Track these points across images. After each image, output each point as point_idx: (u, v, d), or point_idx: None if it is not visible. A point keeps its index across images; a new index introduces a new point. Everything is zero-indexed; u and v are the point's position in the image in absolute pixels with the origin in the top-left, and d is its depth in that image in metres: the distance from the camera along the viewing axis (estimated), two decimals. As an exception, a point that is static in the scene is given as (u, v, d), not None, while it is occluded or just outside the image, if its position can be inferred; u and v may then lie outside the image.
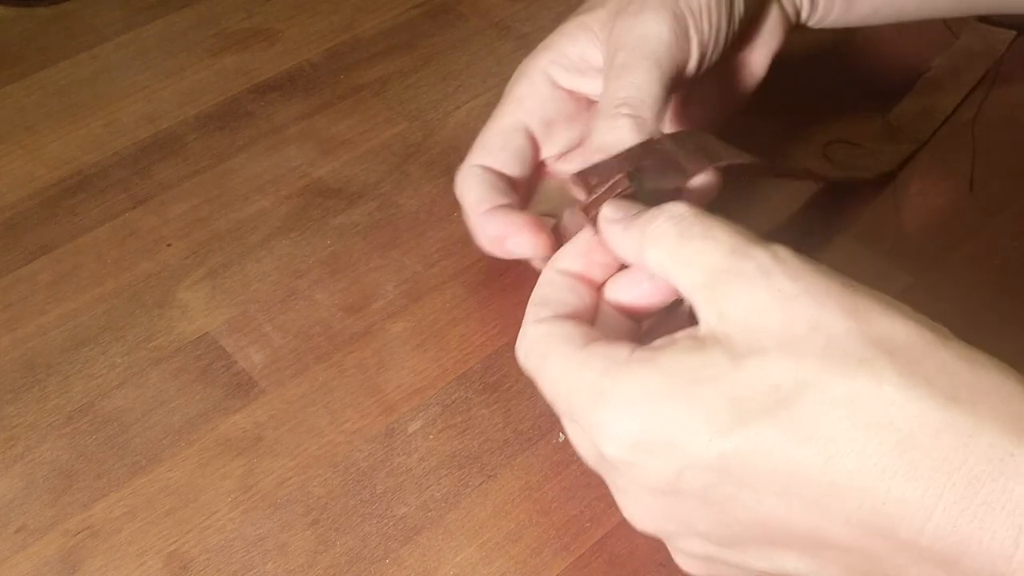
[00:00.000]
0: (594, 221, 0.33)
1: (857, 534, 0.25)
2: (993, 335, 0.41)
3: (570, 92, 0.40)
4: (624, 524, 0.36)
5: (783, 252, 0.28)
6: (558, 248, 0.34)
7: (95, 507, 0.38)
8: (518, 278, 0.44)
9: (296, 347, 0.42)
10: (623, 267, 0.33)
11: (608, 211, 0.32)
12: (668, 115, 0.40)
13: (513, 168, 0.40)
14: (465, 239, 0.46)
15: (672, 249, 0.29)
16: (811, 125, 0.50)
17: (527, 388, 0.41)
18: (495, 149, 0.40)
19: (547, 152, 0.41)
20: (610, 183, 0.33)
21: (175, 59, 0.56)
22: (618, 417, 0.28)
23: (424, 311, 0.43)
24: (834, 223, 0.46)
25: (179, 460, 0.39)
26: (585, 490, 0.37)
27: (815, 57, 0.54)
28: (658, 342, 0.29)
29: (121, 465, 0.39)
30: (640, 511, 0.30)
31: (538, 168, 0.41)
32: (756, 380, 0.26)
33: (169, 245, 0.47)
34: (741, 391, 0.26)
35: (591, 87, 0.40)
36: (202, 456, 0.39)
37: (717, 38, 0.38)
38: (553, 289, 0.33)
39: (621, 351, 0.29)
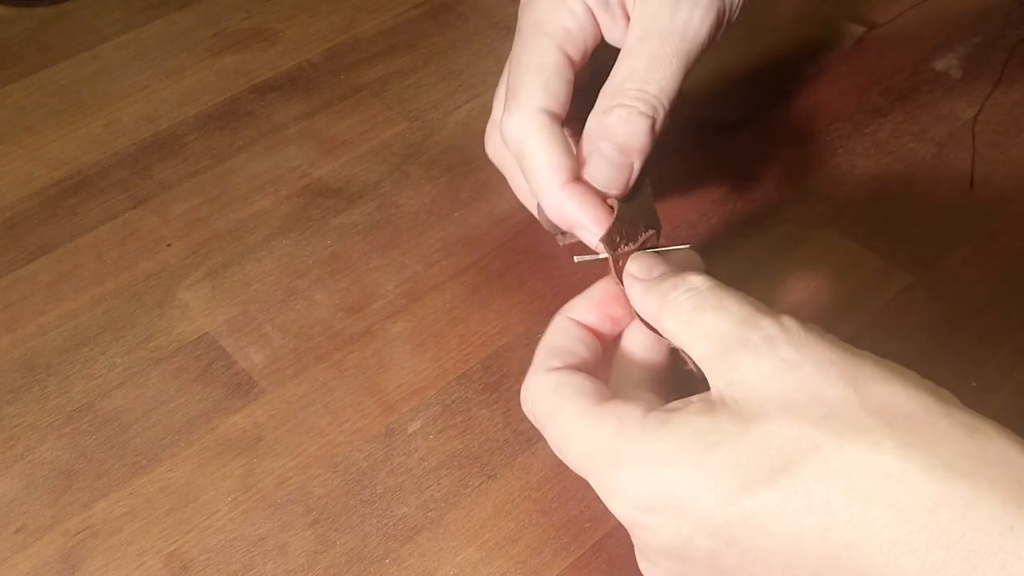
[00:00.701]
0: (619, 273, 0.34)
1: None
2: (993, 335, 0.41)
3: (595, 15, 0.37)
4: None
5: (789, 322, 0.28)
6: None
7: (95, 507, 0.38)
8: (518, 278, 0.44)
9: (296, 347, 0.42)
10: (631, 322, 0.34)
11: (634, 268, 0.33)
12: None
13: (565, 110, 0.36)
14: (465, 239, 0.46)
15: (686, 321, 0.30)
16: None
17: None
18: (558, 92, 0.36)
19: None
20: (640, 240, 0.34)
21: (175, 59, 0.56)
22: (629, 478, 0.28)
23: (424, 311, 0.43)
24: (834, 224, 0.46)
25: (179, 460, 0.39)
26: (585, 490, 0.37)
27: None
28: (673, 404, 0.30)
29: (121, 465, 0.39)
30: (653, 571, 0.31)
31: None
32: (760, 446, 0.26)
33: (169, 245, 0.47)
34: (745, 457, 0.26)
35: (609, 25, 0.36)
36: (202, 456, 0.39)
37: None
38: (566, 339, 0.33)
39: (635, 411, 0.29)
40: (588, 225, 0.34)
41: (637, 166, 0.35)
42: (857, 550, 0.25)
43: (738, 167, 0.49)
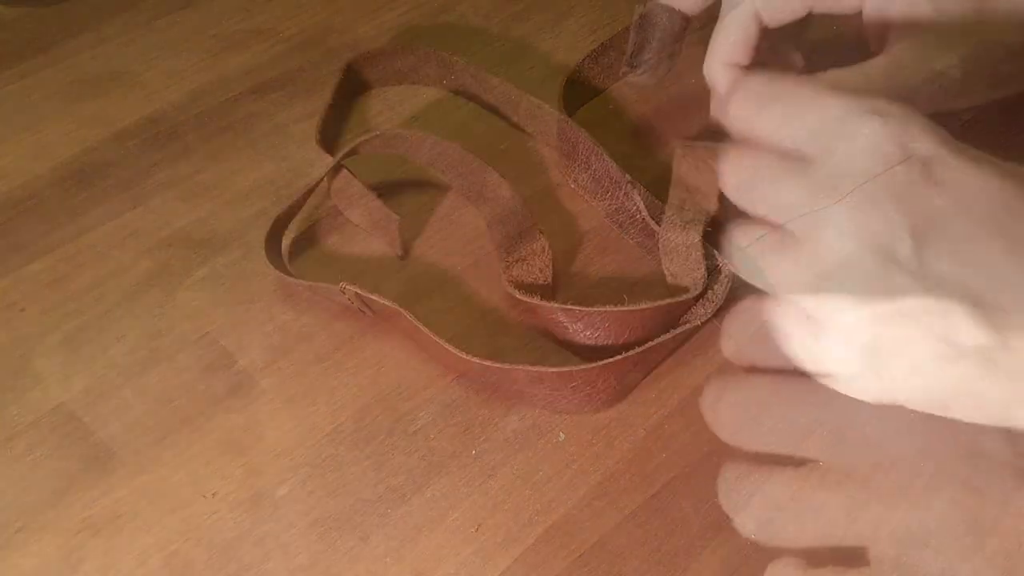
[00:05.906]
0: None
1: None
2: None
3: None
4: (624, 524, 0.37)
5: None
6: None
7: (96, 507, 0.38)
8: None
9: (297, 345, 0.42)
10: None
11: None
12: None
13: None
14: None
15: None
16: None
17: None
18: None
19: None
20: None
21: (175, 59, 0.56)
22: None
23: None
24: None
25: (181, 459, 0.39)
26: (585, 490, 0.38)
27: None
28: None
29: (122, 464, 0.39)
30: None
31: None
32: None
33: (170, 246, 0.47)
34: None
35: None
36: (203, 455, 0.39)
37: None
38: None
39: None
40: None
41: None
42: None
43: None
